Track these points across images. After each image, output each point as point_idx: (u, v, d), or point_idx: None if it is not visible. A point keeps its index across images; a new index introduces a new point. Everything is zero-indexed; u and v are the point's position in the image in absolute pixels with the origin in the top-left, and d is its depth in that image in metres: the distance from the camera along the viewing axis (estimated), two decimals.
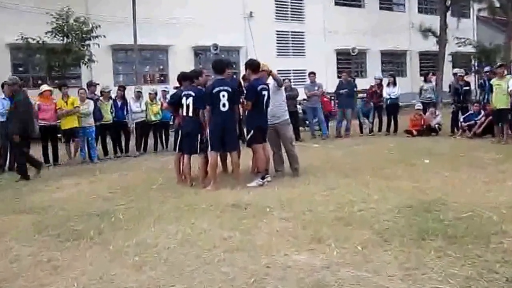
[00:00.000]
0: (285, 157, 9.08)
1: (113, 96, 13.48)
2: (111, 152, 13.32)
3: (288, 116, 8.96)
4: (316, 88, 15.67)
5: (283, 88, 9.18)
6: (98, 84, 13.84)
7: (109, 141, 13.36)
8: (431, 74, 17.55)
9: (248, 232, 5.49)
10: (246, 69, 8.55)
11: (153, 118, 13.82)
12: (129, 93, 14.28)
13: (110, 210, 6.80)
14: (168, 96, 12.46)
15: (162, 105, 13.66)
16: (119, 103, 13.37)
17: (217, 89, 7.91)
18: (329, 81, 23.61)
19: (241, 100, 8.50)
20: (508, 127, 12.71)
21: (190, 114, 8.26)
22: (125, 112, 13.44)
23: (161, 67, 25.96)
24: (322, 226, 5.53)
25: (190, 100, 8.24)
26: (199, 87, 8.42)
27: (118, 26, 21.51)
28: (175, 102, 8.77)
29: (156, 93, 14.15)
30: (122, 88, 13.79)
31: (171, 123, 13.20)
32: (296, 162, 8.95)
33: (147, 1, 23.14)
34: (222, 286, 4.10)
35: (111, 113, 13.06)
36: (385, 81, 16.66)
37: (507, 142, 12.38)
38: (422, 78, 17.69)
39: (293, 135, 9.65)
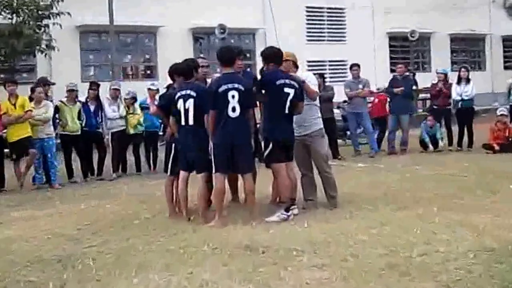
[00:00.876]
0: (318, 181, 9.09)
1: (81, 97, 13.49)
2: (78, 173, 13.32)
3: (321, 125, 8.94)
4: (361, 86, 15.70)
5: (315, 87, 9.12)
6: (54, 83, 13.78)
7: (75, 158, 13.39)
8: None
9: (267, 284, 5.48)
10: (264, 61, 8.55)
11: (132, 132, 13.94)
12: (105, 92, 14.23)
13: (76, 255, 6.79)
14: (157, 97, 12.45)
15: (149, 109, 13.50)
16: (91, 107, 13.44)
17: (224, 87, 7.90)
18: (378, 76, 23.62)
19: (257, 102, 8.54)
20: None
21: (191, 122, 8.25)
22: (99, 119, 13.51)
23: (148, 56, 26.19)
24: (369, 276, 5.53)
25: (191, 102, 8.21)
26: (197, 82, 8.47)
27: (88, 0, 21.67)
28: (166, 106, 8.75)
29: (134, 97, 14.11)
30: (95, 85, 13.82)
31: (160, 133, 13.17)
32: (334, 188, 8.96)
33: None
34: None
35: (80, 120, 13.13)
36: (454, 77, 16.58)
37: None
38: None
39: (329, 152, 9.62)
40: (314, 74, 10.18)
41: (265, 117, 8.43)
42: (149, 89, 14.28)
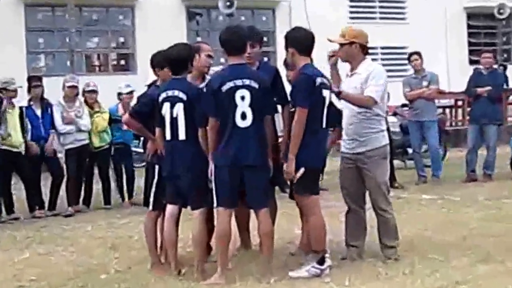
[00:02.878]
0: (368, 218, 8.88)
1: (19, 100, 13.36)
2: (22, 206, 13.21)
3: (386, 141, 8.67)
4: (425, 83, 15.34)
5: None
6: None
7: (17, 184, 13.32)
8: None
9: None
10: (286, 47, 8.28)
11: (97, 144, 13.74)
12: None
13: None
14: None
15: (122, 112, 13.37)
16: (37, 111, 13.30)
17: (230, 84, 7.69)
18: (452, 70, 23.31)
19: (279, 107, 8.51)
20: None
21: (182, 136, 8.03)
22: (50, 128, 13.37)
23: (122, 40, 26.36)
24: None
25: (179, 108, 8.01)
26: (187, 79, 8.31)
27: None
28: (146, 112, 8.53)
29: (95, 90, 13.82)
30: (38, 80, 13.61)
31: (138, 150, 13.42)
32: (393, 234, 8.60)
33: None
34: None
35: (24, 131, 12.98)
36: None
37: None
38: None
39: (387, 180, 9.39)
40: None
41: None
42: (119, 93, 13.91)
